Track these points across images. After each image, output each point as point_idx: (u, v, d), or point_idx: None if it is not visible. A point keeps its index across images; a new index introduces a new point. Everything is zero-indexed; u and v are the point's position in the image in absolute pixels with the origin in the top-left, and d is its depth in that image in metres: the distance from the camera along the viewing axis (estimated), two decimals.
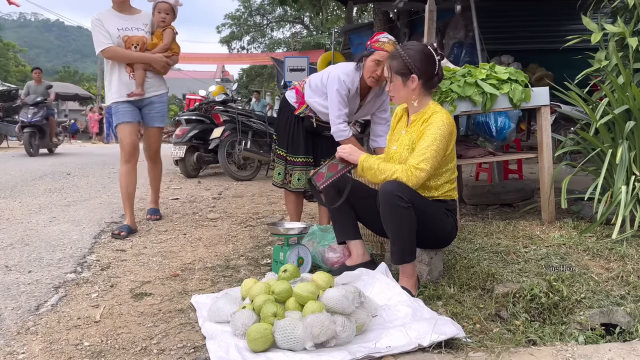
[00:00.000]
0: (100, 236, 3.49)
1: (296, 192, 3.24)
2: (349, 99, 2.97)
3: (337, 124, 2.94)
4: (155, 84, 3.74)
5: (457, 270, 2.42)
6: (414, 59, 2.27)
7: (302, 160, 3.17)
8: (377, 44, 2.83)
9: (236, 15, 28.50)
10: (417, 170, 2.15)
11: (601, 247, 2.60)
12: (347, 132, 2.96)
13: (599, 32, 3.27)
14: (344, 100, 2.92)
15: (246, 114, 7.14)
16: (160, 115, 3.82)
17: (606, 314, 2.01)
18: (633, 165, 2.87)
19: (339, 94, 2.91)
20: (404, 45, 2.37)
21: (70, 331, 1.96)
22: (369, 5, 10.29)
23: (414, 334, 1.76)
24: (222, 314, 1.96)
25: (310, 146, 3.18)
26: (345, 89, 2.91)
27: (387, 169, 2.22)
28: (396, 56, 2.30)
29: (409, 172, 2.16)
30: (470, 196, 4.02)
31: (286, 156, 3.20)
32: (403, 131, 2.39)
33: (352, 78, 2.93)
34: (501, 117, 3.64)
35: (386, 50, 2.78)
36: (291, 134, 3.18)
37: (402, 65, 2.27)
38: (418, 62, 2.27)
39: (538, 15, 8.12)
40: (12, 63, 41.95)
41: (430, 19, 4.52)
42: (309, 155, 3.18)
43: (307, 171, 3.16)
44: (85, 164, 8.70)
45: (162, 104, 3.81)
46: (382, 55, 2.78)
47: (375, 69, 2.83)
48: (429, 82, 2.33)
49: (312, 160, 3.19)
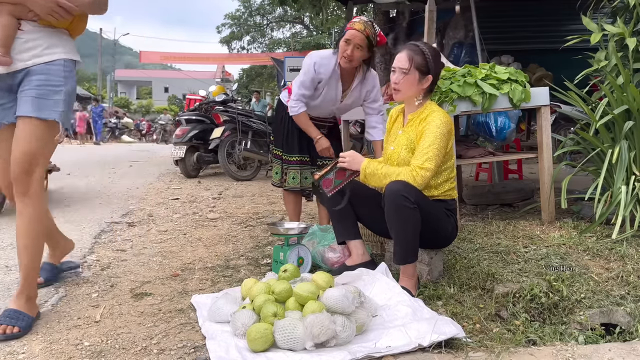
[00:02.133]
0: (100, 236, 3.49)
1: (295, 192, 3.23)
2: (326, 84, 2.95)
3: (293, 99, 2.98)
4: (38, 42, 2.06)
5: (457, 270, 2.42)
6: (435, 60, 2.29)
7: (296, 159, 3.16)
8: (349, 24, 2.86)
9: (236, 15, 28.48)
10: (422, 170, 2.16)
11: (601, 247, 2.60)
12: (297, 109, 2.97)
13: (599, 32, 3.27)
14: (308, 81, 2.93)
15: (246, 114, 7.14)
16: (37, 97, 2.01)
17: (606, 314, 2.01)
18: (633, 165, 2.87)
19: (304, 75, 2.93)
20: (423, 43, 2.35)
21: (70, 331, 1.96)
22: (369, 5, 10.28)
23: (414, 333, 1.76)
24: (222, 314, 1.96)
25: (305, 145, 3.16)
26: (312, 72, 2.91)
27: (391, 173, 2.22)
28: (419, 52, 2.28)
29: (414, 172, 2.16)
30: (470, 196, 4.02)
31: (282, 155, 3.19)
32: (399, 131, 2.39)
33: (327, 62, 2.92)
34: (501, 117, 3.64)
35: (355, 29, 2.79)
36: (285, 133, 3.17)
37: (424, 62, 2.27)
38: (436, 63, 2.30)
39: (538, 15, 8.12)
40: None
41: (430, 19, 4.52)
42: (304, 154, 3.16)
43: (302, 170, 3.14)
44: (85, 164, 8.70)
45: (45, 78, 2.04)
46: (352, 34, 2.79)
47: (346, 49, 2.82)
48: (434, 85, 2.35)
49: (307, 159, 3.16)
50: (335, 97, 3.02)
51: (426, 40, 4.48)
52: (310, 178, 3.13)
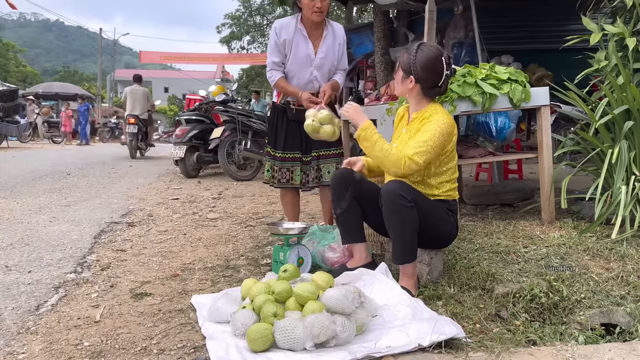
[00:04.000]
0: (100, 236, 3.49)
1: (292, 192, 3.23)
2: (292, 43, 3.03)
3: (267, 70, 3.11)
4: None
5: (457, 270, 2.42)
6: (420, 63, 2.24)
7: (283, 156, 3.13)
8: None
9: (236, 15, 28.47)
10: (409, 161, 2.14)
11: (601, 247, 2.60)
12: (273, 77, 3.07)
13: (599, 33, 3.27)
14: (272, 46, 3.04)
15: (246, 114, 7.14)
16: None
17: (606, 314, 2.01)
18: (633, 165, 2.87)
19: (270, 43, 3.06)
20: (423, 44, 2.31)
21: (70, 331, 1.96)
22: (369, 5, 10.28)
23: (414, 334, 1.76)
24: (222, 314, 1.96)
25: (297, 142, 3.13)
26: (274, 37, 3.03)
27: (385, 148, 2.19)
28: (410, 52, 2.27)
29: (403, 160, 2.15)
30: (470, 196, 4.02)
31: (273, 153, 3.19)
32: (404, 129, 2.39)
33: (288, 23, 3.06)
34: (501, 117, 3.64)
35: None
36: (275, 130, 3.19)
37: (407, 63, 2.27)
38: (422, 68, 2.24)
39: (538, 15, 8.12)
40: (12, 63, 41.98)
41: (430, 19, 4.52)
42: (295, 150, 3.13)
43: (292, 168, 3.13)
44: (85, 164, 8.70)
45: None
46: None
47: (314, 3, 2.90)
48: (429, 91, 2.31)
49: (298, 156, 3.14)
50: (307, 53, 3.06)
51: (426, 40, 4.48)
52: (300, 175, 3.12)
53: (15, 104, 14.45)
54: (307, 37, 3.04)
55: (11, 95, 14.23)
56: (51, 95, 23.68)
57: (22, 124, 15.79)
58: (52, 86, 25.02)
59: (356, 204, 2.44)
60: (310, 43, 3.05)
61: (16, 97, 14.65)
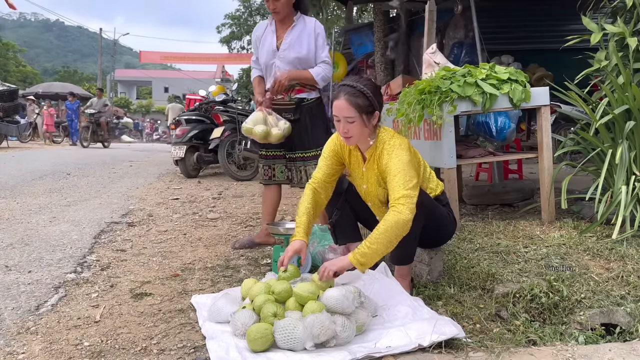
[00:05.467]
0: (100, 236, 3.49)
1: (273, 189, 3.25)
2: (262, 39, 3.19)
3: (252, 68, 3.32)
4: None
5: (457, 270, 2.42)
6: (375, 93, 2.14)
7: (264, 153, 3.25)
8: None
9: (236, 15, 28.49)
10: (404, 199, 1.99)
11: (601, 247, 2.60)
12: (252, 76, 3.29)
13: (599, 32, 3.26)
14: (254, 45, 3.28)
15: (246, 114, 7.13)
16: None
17: (606, 314, 2.01)
18: (633, 165, 2.87)
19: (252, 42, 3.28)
20: (358, 81, 2.14)
21: (70, 331, 1.96)
22: (369, 5, 10.28)
23: (414, 334, 1.76)
24: (222, 314, 1.96)
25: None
26: (253, 37, 3.29)
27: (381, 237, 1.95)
28: (359, 94, 2.09)
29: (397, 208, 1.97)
30: (470, 196, 4.02)
31: (261, 151, 3.29)
32: (363, 168, 2.27)
33: (263, 23, 3.27)
34: (501, 117, 3.64)
35: None
36: None
37: (367, 103, 2.10)
38: (378, 96, 2.16)
39: (538, 15, 8.12)
40: (12, 63, 41.98)
41: (430, 19, 4.52)
42: (277, 149, 3.18)
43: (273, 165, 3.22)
44: (85, 164, 8.70)
45: None
46: None
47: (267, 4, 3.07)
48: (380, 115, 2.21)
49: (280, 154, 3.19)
50: (272, 46, 3.13)
51: (426, 40, 4.47)
52: (284, 172, 3.20)
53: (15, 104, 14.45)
54: (274, 31, 3.15)
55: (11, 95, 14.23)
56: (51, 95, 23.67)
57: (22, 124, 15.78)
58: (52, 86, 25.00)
59: (348, 206, 2.45)
60: (276, 36, 3.15)
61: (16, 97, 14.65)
